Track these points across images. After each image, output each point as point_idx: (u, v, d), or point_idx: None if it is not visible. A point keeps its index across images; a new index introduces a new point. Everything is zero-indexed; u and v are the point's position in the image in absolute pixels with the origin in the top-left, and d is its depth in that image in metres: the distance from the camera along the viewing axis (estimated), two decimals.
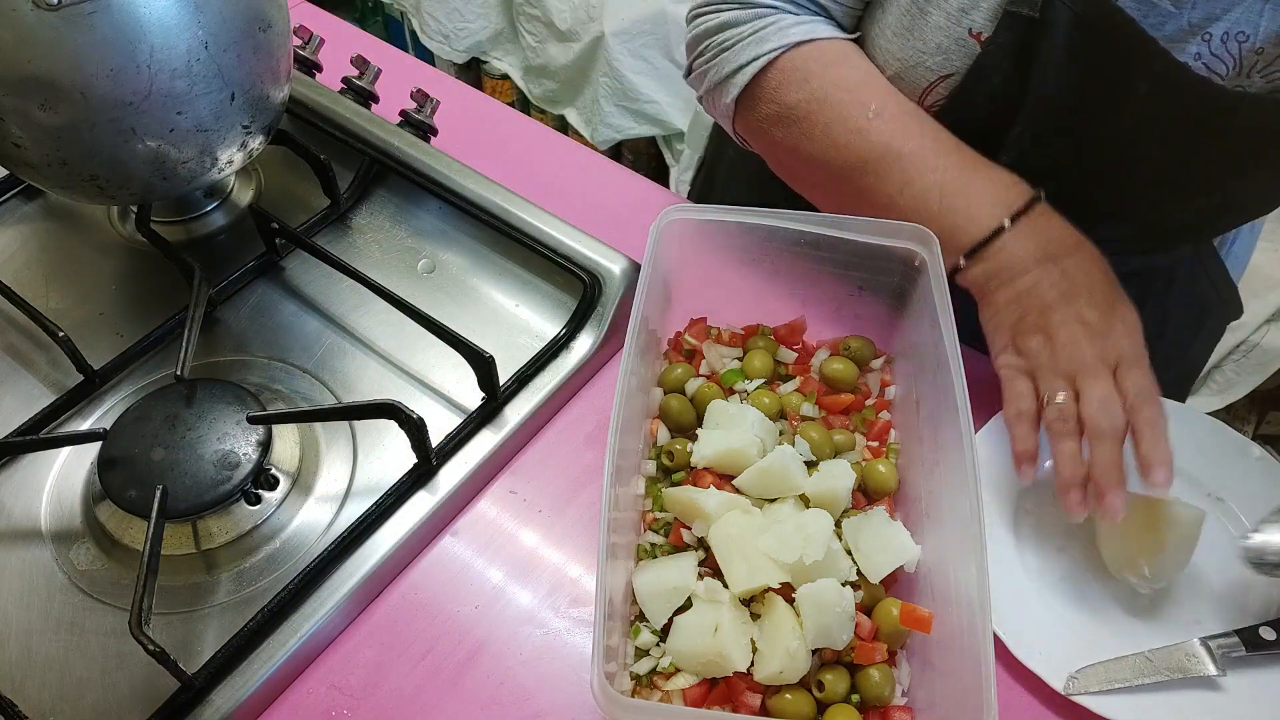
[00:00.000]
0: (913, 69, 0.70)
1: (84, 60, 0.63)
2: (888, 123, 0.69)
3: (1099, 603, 0.64)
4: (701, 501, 0.58)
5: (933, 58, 0.69)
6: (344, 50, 0.94)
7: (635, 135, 2.00)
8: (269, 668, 0.59)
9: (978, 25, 0.66)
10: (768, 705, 0.54)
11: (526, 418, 0.71)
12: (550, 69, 2.05)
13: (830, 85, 0.70)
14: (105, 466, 0.65)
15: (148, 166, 0.70)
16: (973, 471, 0.52)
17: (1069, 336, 0.63)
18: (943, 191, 0.67)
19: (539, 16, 1.99)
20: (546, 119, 2.16)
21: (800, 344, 0.72)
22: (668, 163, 2.05)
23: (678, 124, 1.95)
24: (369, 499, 0.66)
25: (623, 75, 1.90)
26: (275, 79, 0.75)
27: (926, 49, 0.69)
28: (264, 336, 0.78)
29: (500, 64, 2.20)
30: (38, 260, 0.83)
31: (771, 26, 0.72)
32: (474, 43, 2.18)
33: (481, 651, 0.63)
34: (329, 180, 0.84)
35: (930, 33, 0.68)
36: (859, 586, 0.57)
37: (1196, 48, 0.63)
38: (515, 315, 0.80)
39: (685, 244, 0.67)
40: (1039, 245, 0.65)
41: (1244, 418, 1.70)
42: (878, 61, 0.72)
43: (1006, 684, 0.61)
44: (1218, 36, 0.62)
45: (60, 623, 0.62)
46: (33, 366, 0.76)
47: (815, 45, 0.71)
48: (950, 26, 0.67)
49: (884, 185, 0.69)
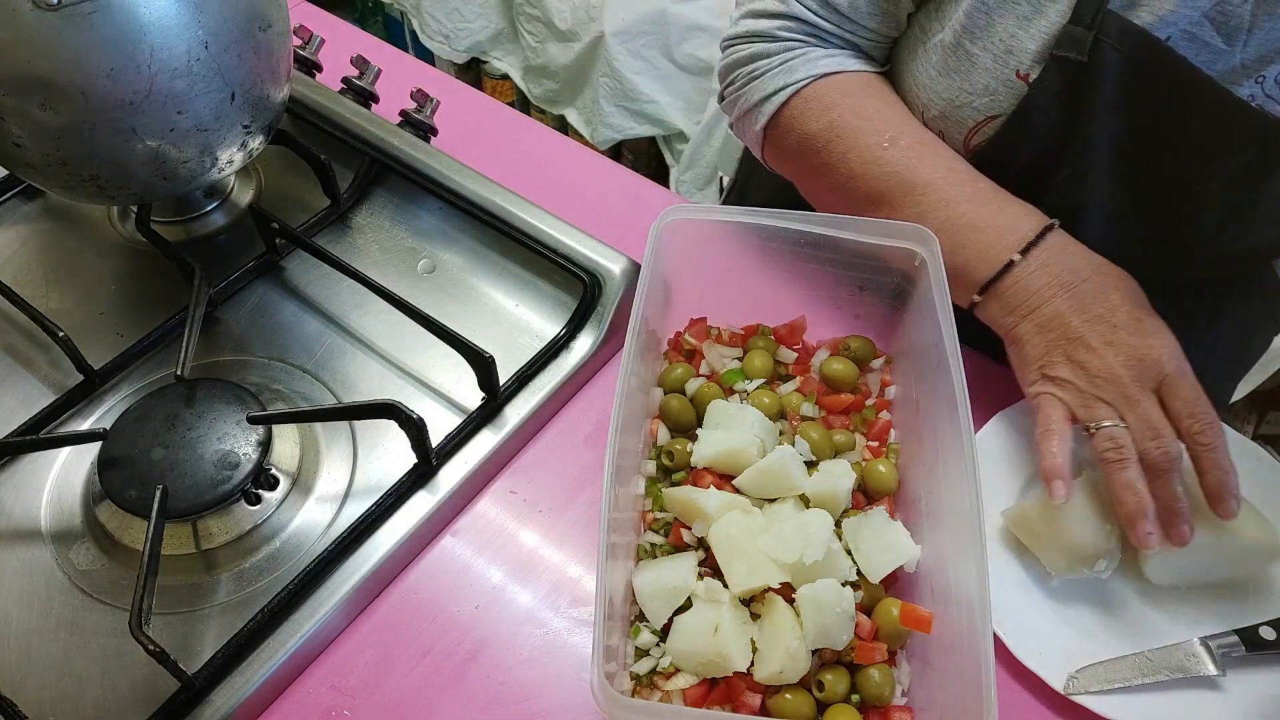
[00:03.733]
0: (959, 109, 0.69)
1: (84, 60, 0.63)
2: (902, 152, 0.69)
3: (1099, 603, 0.64)
4: (701, 501, 0.58)
5: (979, 98, 0.68)
6: (344, 50, 0.94)
7: (635, 135, 2.00)
8: (269, 668, 0.59)
9: (1024, 67, 0.65)
10: (768, 705, 0.54)
11: (526, 418, 0.71)
12: (550, 69, 2.05)
13: (849, 114, 0.71)
14: (105, 466, 0.65)
15: (148, 166, 0.70)
16: (973, 472, 0.52)
17: (1103, 364, 0.61)
18: (955, 227, 0.66)
19: (539, 16, 1.99)
20: (546, 119, 2.16)
21: (800, 344, 0.72)
22: (668, 163, 2.05)
23: (678, 124, 1.95)
24: (369, 499, 0.66)
25: (623, 75, 1.90)
26: (275, 79, 0.75)
27: (973, 89, 0.68)
28: (264, 336, 0.78)
29: (500, 64, 2.20)
30: (38, 260, 0.83)
31: (800, 58, 0.73)
32: (474, 43, 2.18)
33: (481, 651, 0.63)
34: (329, 180, 0.84)
35: (977, 74, 0.67)
36: (859, 586, 0.57)
37: (1249, 89, 0.62)
38: (515, 315, 0.80)
39: (685, 244, 0.67)
40: (1054, 276, 0.63)
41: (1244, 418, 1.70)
42: (921, 100, 0.72)
43: (1006, 684, 0.61)
44: (1271, 78, 0.61)
45: (60, 623, 0.62)
46: (33, 366, 0.76)
47: (841, 76, 0.73)
48: (997, 68, 0.66)
49: (898, 218, 0.68)
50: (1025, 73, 0.65)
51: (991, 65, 0.66)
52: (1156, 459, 0.59)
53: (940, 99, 0.70)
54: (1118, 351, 0.61)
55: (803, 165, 0.76)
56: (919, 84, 0.72)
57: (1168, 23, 0.61)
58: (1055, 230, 0.65)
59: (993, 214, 0.66)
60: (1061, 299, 0.63)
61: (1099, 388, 0.61)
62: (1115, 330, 0.62)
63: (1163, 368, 0.60)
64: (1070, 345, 0.62)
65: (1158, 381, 0.61)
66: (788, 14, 0.74)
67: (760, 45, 0.75)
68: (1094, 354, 0.61)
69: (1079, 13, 0.62)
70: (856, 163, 0.71)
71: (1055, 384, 0.63)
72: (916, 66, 0.72)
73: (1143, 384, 0.60)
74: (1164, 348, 0.61)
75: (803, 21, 0.73)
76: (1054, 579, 0.64)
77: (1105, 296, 0.63)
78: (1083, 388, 0.62)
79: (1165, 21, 0.61)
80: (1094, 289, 0.63)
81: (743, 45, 0.76)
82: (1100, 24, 0.62)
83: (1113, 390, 0.61)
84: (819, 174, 0.74)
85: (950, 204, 0.67)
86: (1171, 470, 0.59)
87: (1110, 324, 0.62)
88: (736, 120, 0.79)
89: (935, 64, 0.70)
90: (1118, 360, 0.61)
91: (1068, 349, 0.62)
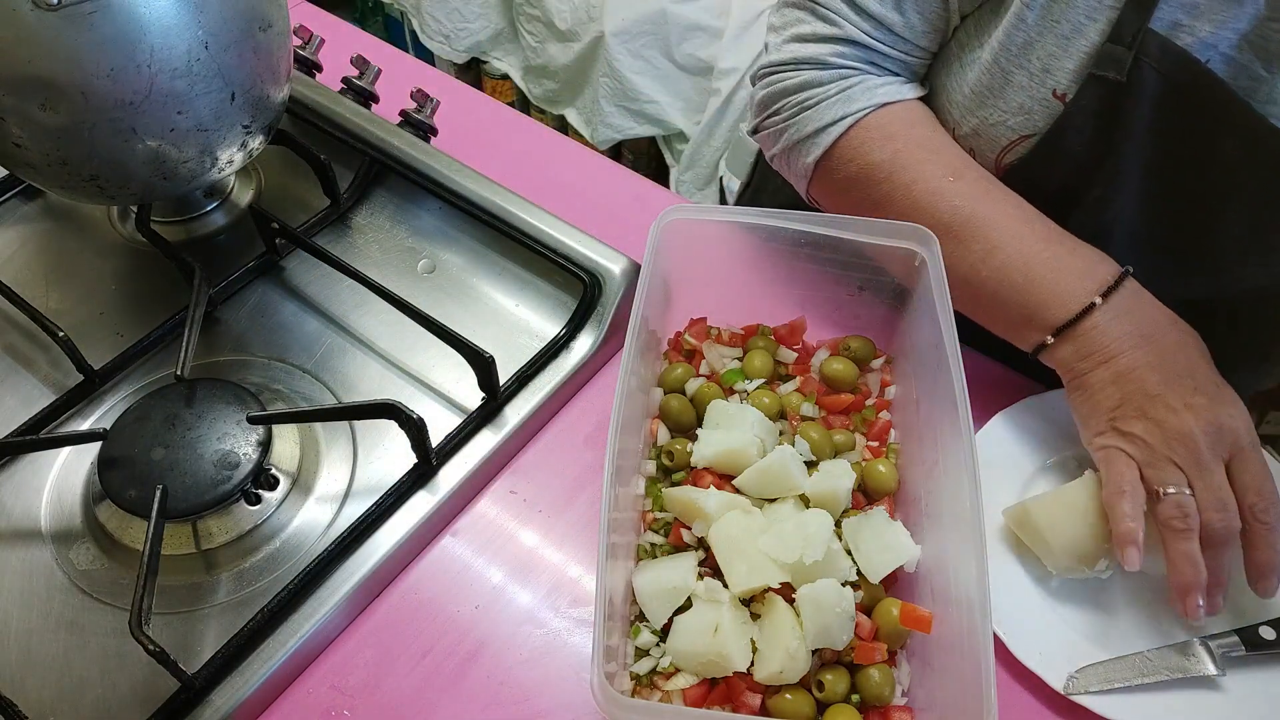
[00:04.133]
0: (992, 127, 0.68)
1: (84, 60, 0.63)
2: (969, 186, 0.67)
3: (1099, 602, 0.64)
4: (701, 501, 0.58)
5: (1014, 117, 0.67)
6: (344, 50, 0.94)
7: (635, 135, 2.00)
8: (269, 668, 0.59)
9: (1061, 86, 0.64)
10: (768, 705, 0.54)
11: (526, 418, 0.71)
12: (550, 69, 2.05)
13: (914, 145, 0.69)
14: (105, 466, 0.65)
15: (148, 166, 0.70)
16: (973, 471, 0.52)
17: (1179, 426, 0.59)
18: (1028, 263, 0.64)
19: (539, 16, 1.99)
20: (546, 119, 2.16)
21: (800, 344, 0.72)
22: (668, 163, 2.05)
23: (678, 124, 1.95)
24: (369, 499, 0.66)
25: (623, 75, 1.90)
26: (275, 79, 0.75)
27: (1008, 108, 0.67)
28: (264, 336, 0.78)
29: (500, 64, 2.20)
30: (38, 260, 0.83)
31: (858, 86, 0.70)
32: (474, 43, 2.18)
33: (481, 651, 0.63)
34: (329, 180, 0.84)
35: (1012, 92, 0.66)
36: (859, 586, 0.57)
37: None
38: (515, 315, 0.80)
39: (685, 244, 0.67)
40: (1134, 324, 0.62)
41: None
42: (953, 118, 0.71)
43: (1006, 684, 0.61)
44: None
45: (60, 623, 0.62)
46: (33, 366, 0.76)
47: (901, 105, 0.70)
48: (1033, 87, 0.65)
49: (966, 253, 0.66)
50: (1062, 92, 0.64)
51: (1028, 84, 0.65)
52: (1218, 531, 0.58)
53: (974, 117, 0.69)
54: (1197, 416, 0.59)
55: (859, 196, 0.72)
56: (952, 101, 0.71)
57: (1207, 45, 0.60)
58: (1130, 277, 0.63)
59: (1068, 254, 0.64)
60: (1141, 351, 0.61)
61: (1173, 449, 0.59)
62: (1195, 393, 0.60)
63: (1239, 439, 0.59)
64: (1149, 402, 0.60)
65: (1231, 452, 0.59)
66: (842, 37, 0.70)
67: (811, 73, 0.71)
68: (1173, 414, 0.59)
69: (1119, 32, 0.61)
70: (922, 194, 0.68)
71: (1128, 440, 0.61)
72: (951, 83, 0.71)
73: (1216, 452, 0.59)
74: (1242, 417, 0.60)
75: (858, 45, 0.70)
76: (1054, 579, 0.64)
77: (1185, 353, 0.61)
78: (1156, 447, 0.59)
79: (1205, 44, 0.60)
80: (1174, 344, 0.61)
81: (790, 73, 0.72)
82: (1140, 44, 0.61)
83: (1186, 454, 0.59)
84: (878, 206, 0.70)
85: (1022, 239, 0.65)
86: (1229, 545, 0.58)
87: (1190, 386, 0.60)
88: (781, 152, 0.75)
89: (970, 82, 0.69)
90: (1197, 424, 0.59)
91: (1144, 405, 0.60)
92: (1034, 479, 0.69)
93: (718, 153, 1.92)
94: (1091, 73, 0.63)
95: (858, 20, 0.70)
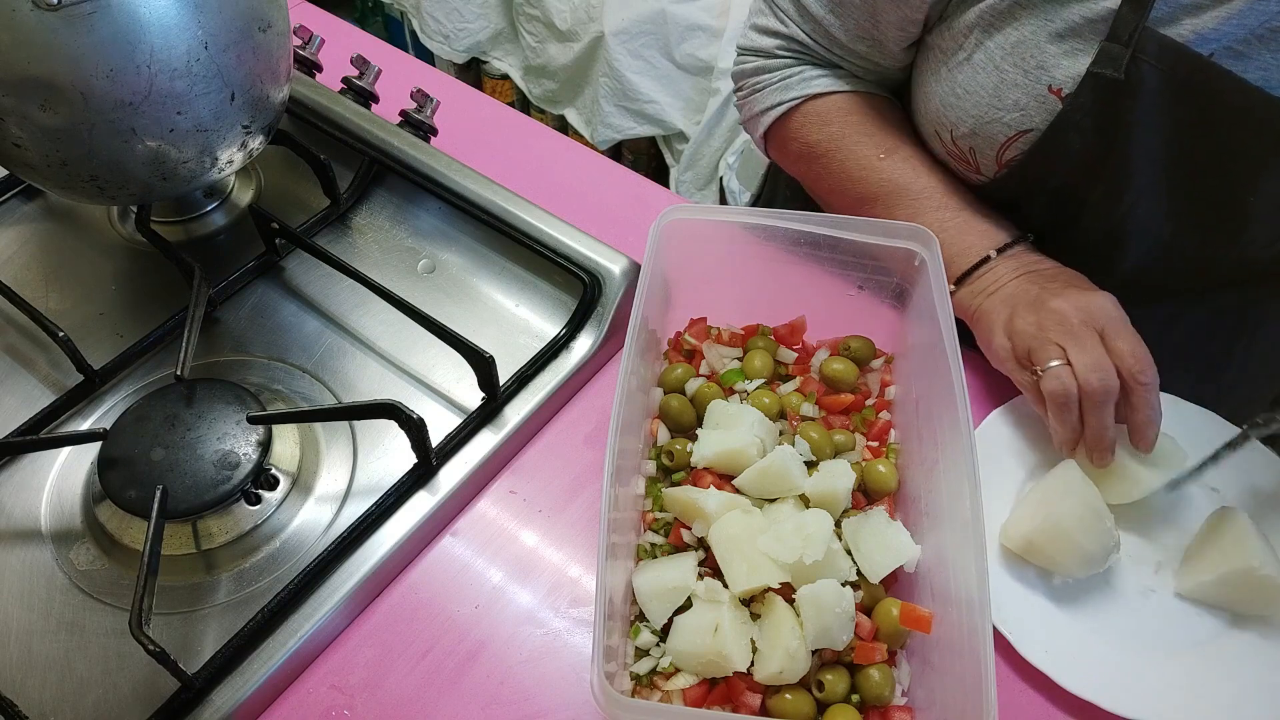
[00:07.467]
0: (988, 125, 0.69)
1: (84, 60, 0.63)
2: (899, 162, 0.76)
3: (1102, 598, 0.64)
4: (701, 501, 0.58)
5: (1010, 114, 0.68)
6: (344, 50, 0.94)
7: (635, 135, 2.00)
8: (269, 668, 0.59)
9: (1058, 81, 0.65)
10: (768, 705, 0.54)
11: (526, 418, 0.71)
12: (550, 69, 2.05)
13: (849, 128, 0.78)
14: (105, 466, 0.65)
15: (148, 166, 0.70)
16: (972, 471, 0.52)
17: (1054, 307, 0.65)
18: (942, 226, 0.73)
19: (539, 16, 1.99)
20: (546, 119, 2.16)
21: (800, 344, 0.72)
22: (668, 163, 2.05)
23: (678, 124, 1.95)
24: (369, 499, 0.66)
25: (623, 75, 1.90)
26: (275, 79, 0.75)
27: (1003, 105, 0.68)
28: (264, 336, 0.78)
29: (500, 64, 2.20)
30: (38, 260, 0.83)
31: (796, 76, 0.80)
32: (474, 43, 2.18)
33: (481, 651, 0.63)
34: (329, 180, 0.84)
35: (1007, 89, 0.67)
36: (859, 586, 0.57)
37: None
38: (515, 315, 0.80)
39: (685, 244, 0.67)
40: (1021, 263, 0.71)
41: None
42: (950, 119, 0.72)
43: (1013, 682, 0.61)
44: None
45: (60, 623, 0.62)
46: (33, 366, 0.76)
47: (838, 95, 0.79)
48: (1029, 83, 0.66)
49: (892, 216, 0.75)
50: (1058, 87, 0.65)
51: (1022, 80, 0.66)
52: (1096, 389, 0.62)
53: (970, 116, 0.70)
54: (1068, 300, 0.65)
55: (805, 169, 0.83)
56: (945, 104, 0.72)
57: (1208, 39, 0.60)
58: (1027, 240, 0.73)
59: (977, 218, 0.73)
60: (1026, 279, 0.69)
61: (1048, 330, 0.65)
62: (1066, 288, 0.67)
63: (1108, 312, 0.65)
64: (1028, 305, 0.67)
65: (1105, 325, 0.64)
66: (786, 34, 0.79)
67: (762, 61, 0.82)
68: (1047, 304, 0.66)
69: (1116, 30, 0.61)
70: (855, 169, 0.77)
71: (1015, 337, 0.67)
72: (941, 88, 0.72)
73: (1088, 325, 0.64)
74: (1107, 298, 0.66)
75: (798, 42, 0.79)
76: (1057, 576, 0.64)
77: (1066, 276, 0.69)
78: (1035, 333, 0.66)
79: (1205, 38, 0.60)
80: (1052, 273, 0.70)
81: (750, 58, 0.83)
82: (1138, 42, 0.61)
83: (1061, 330, 0.64)
84: (820, 178, 0.82)
85: (940, 209, 0.74)
86: (1109, 401, 0.63)
87: (1062, 284, 0.67)
88: (744, 122, 0.87)
89: (963, 82, 0.70)
90: (1067, 305, 0.65)
91: (1025, 307, 0.67)
92: (1033, 475, 0.69)
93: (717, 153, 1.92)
94: (1090, 70, 0.63)
95: (800, 21, 0.78)
